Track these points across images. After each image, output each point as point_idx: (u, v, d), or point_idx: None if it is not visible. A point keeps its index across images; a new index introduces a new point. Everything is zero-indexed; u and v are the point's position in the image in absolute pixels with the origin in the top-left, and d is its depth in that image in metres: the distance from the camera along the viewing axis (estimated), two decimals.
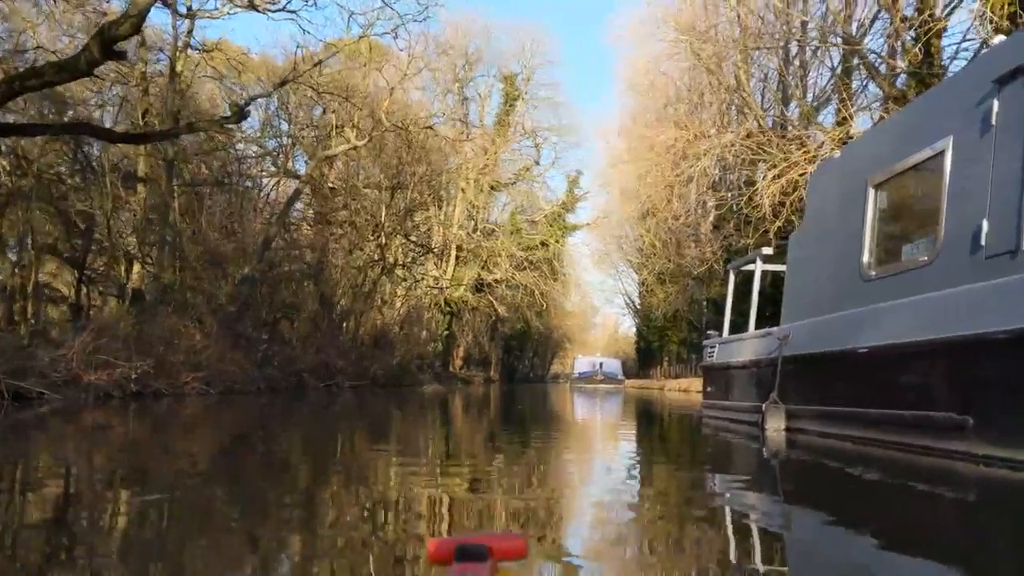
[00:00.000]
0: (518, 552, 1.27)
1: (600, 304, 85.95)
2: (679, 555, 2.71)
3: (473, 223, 45.15)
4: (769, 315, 11.27)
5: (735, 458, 7.00)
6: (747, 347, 9.34)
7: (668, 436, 9.56)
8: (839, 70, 31.76)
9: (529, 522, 3.09)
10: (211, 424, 10.27)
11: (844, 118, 25.10)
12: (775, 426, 8.14)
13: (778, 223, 22.59)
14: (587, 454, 6.90)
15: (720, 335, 11.32)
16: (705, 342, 11.56)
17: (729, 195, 29.79)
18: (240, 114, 17.83)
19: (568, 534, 3.05)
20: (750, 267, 10.53)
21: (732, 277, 11.45)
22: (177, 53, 21.34)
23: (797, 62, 35.01)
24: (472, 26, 39.52)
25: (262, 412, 13.13)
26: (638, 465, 6.02)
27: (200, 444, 7.38)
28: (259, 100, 32.90)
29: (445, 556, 1.22)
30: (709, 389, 10.70)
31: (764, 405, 8.17)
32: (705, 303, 45.79)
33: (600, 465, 5.89)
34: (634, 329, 73.56)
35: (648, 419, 13.22)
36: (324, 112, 24.32)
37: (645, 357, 65.83)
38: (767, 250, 9.90)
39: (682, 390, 36.92)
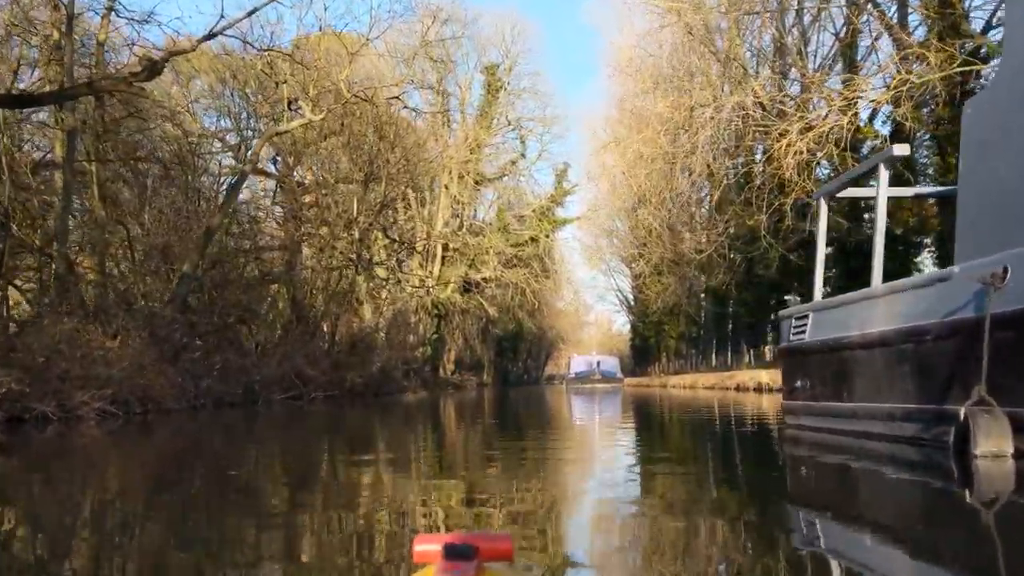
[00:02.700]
0: (504, 553, 1.13)
1: (593, 302, 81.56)
2: None
3: (459, 220, 41.03)
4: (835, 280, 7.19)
5: (907, 516, 3.32)
6: (890, 308, 5.21)
7: (734, 461, 5.54)
8: (843, 32, 28.05)
9: None
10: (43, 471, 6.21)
11: (849, 77, 21.16)
12: (990, 447, 4.03)
13: (806, 184, 18.56)
14: (629, 513, 3.37)
15: (809, 299, 7.14)
16: (782, 313, 7.38)
17: (738, 163, 25.81)
18: (151, 70, 13.72)
19: None
20: (860, 192, 6.38)
21: (824, 208, 7.18)
22: (101, 20, 17.36)
23: (796, 31, 31.26)
24: None
25: (163, 442, 9.20)
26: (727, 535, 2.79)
27: None
28: (222, 94, 28.87)
29: (431, 555, 1.11)
30: (798, 384, 6.50)
31: (964, 409, 4.07)
32: (704, 294, 41.80)
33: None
34: (628, 326, 69.42)
35: (683, 430, 9.13)
36: (277, 86, 20.16)
37: (641, 354, 61.63)
38: (900, 149, 5.63)
39: (687, 387, 32.81)
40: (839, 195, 6.91)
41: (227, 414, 14.75)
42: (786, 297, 30.27)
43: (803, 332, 6.45)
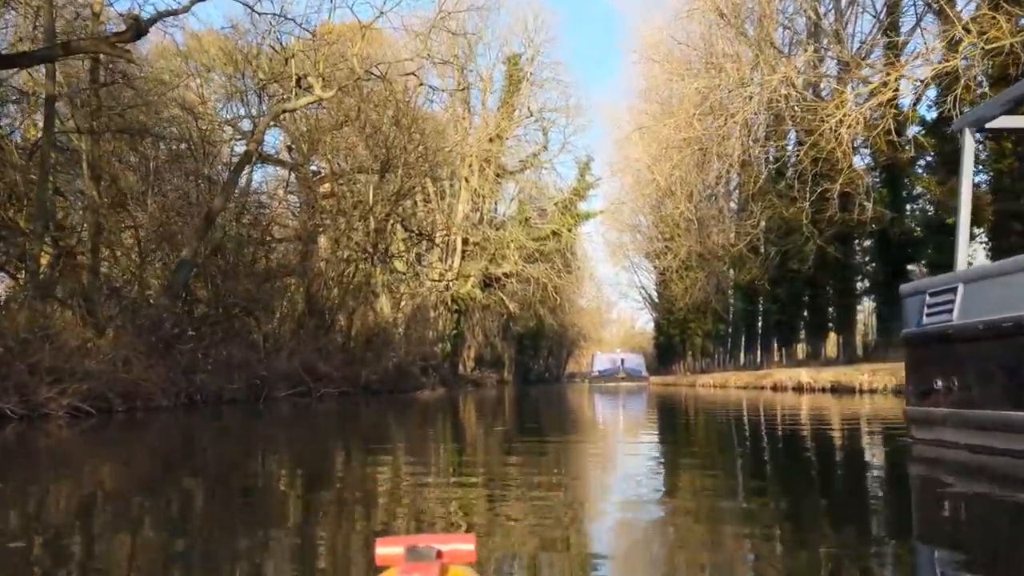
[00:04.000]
0: (467, 555, 1.08)
1: (615, 299, 79.47)
2: None
3: (479, 214, 39.29)
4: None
5: None
6: None
7: (851, 494, 3.76)
8: (883, 13, 26.10)
9: None
10: None
11: (902, 41, 19.13)
12: None
13: (852, 170, 16.64)
14: None
15: (954, 269, 5.25)
16: (906, 288, 5.45)
17: (770, 150, 23.86)
18: (136, 29, 12.09)
19: None
20: None
21: (970, 143, 5.24)
22: None
23: (832, 16, 29.26)
24: None
25: (125, 448, 7.61)
26: None
27: None
28: (232, 76, 27.29)
29: (393, 557, 1.06)
30: (938, 384, 4.63)
31: None
32: (732, 290, 39.74)
33: None
34: (651, 324, 67.27)
35: (747, 444, 7.34)
36: (286, 62, 18.51)
37: (665, 352, 59.50)
38: None
39: (718, 386, 30.79)
40: (991, 125, 5.01)
41: (223, 413, 13.11)
42: (910, 267, 27.41)
43: (947, 311, 4.60)
